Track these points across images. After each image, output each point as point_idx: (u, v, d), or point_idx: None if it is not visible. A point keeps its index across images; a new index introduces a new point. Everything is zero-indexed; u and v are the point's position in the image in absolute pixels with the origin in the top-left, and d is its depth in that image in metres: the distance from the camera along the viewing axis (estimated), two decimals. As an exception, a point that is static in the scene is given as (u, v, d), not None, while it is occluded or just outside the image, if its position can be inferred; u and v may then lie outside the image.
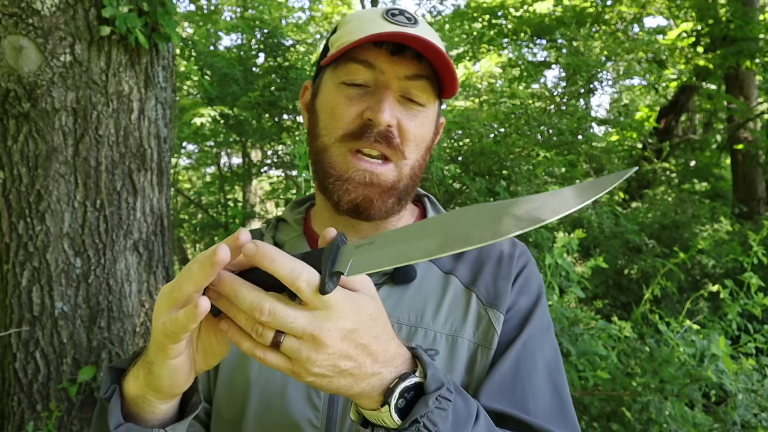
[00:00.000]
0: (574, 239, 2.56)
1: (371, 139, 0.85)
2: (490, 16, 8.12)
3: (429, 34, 0.87)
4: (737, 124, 7.55)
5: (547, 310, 0.94)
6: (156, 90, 2.64)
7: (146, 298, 2.66)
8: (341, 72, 0.88)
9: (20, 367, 2.44)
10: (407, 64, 0.86)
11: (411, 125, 0.87)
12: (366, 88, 0.87)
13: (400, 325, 0.88)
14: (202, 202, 7.68)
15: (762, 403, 2.33)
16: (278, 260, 0.58)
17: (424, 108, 0.89)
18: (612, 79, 5.49)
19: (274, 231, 1.04)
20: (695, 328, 2.73)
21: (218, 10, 7.90)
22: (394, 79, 0.86)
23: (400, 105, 0.87)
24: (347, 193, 0.87)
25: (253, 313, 0.58)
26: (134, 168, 2.57)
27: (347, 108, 0.87)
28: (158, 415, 0.70)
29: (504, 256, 0.95)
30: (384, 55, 0.85)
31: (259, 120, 5.71)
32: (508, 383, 0.84)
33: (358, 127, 0.86)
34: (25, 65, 2.32)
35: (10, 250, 2.43)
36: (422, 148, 0.91)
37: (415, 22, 0.87)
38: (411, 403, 0.66)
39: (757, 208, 7.25)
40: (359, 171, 0.86)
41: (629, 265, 5.20)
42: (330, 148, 0.89)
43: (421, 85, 0.87)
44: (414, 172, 0.91)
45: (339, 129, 0.87)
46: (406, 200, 0.93)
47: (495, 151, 3.76)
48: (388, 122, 0.84)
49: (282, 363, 0.61)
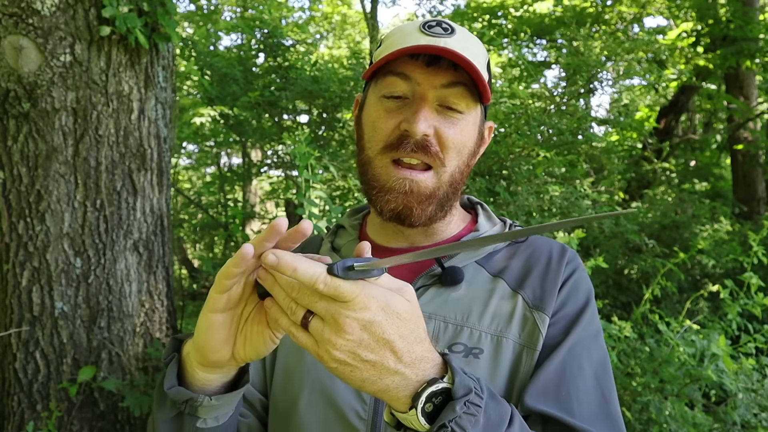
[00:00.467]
0: (574, 239, 2.56)
1: (408, 149, 0.89)
2: (490, 16, 8.11)
3: (465, 42, 0.90)
4: (737, 124, 7.55)
5: (596, 317, 0.95)
6: (156, 90, 2.64)
7: (146, 298, 2.66)
8: (381, 85, 0.93)
9: (20, 367, 2.44)
10: (443, 73, 0.88)
11: (450, 133, 0.90)
12: (405, 99, 0.91)
13: (446, 324, 0.91)
14: (202, 202, 7.68)
15: (762, 403, 2.33)
16: (300, 269, 0.63)
17: (463, 114, 0.91)
18: (612, 79, 5.49)
19: (333, 236, 1.10)
20: (695, 328, 2.73)
21: (218, 10, 7.90)
22: (430, 89, 0.89)
23: (438, 114, 0.90)
24: (388, 203, 0.91)
25: (288, 290, 0.65)
26: (134, 168, 2.57)
27: (386, 120, 0.91)
28: (200, 382, 0.77)
29: (553, 261, 0.97)
30: (420, 67, 0.89)
31: (259, 120, 5.71)
32: (553, 385, 0.85)
33: (396, 138, 0.90)
34: (25, 65, 2.32)
35: (10, 250, 2.43)
36: (464, 155, 0.93)
37: (452, 31, 0.90)
38: (439, 408, 0.68)
39: (757, 208, 7.25)
40: (399, 180, 0.90)
41: (629, 265, 5.20)
42: (373, 160, 0.93)
43: (458, 92, 0.89)
44: (454, 179, 0.93)
45: (380, 141, 0.92)
46: (448, 206, 0.96)
47: (495, 151, 3.76)
48: (424, 132, 0.87)
49: (309, 342, 0.66)
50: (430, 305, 0.92)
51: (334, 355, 0.64)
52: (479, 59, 0.91)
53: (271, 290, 0.67)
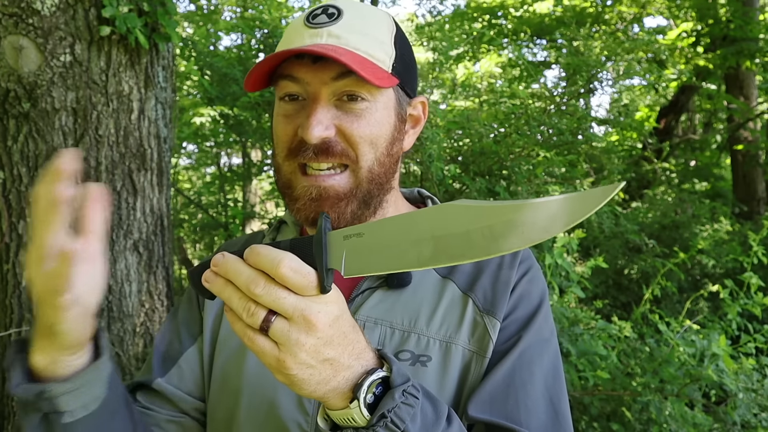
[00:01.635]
0: (574, 239, 2.56)
1: (309, 155, 0.83)
2: (490, 16, 8.11)
3: (353, 23, 0.83)
4: (737, 124, 7.54)
5: (549, 319, 0.91)
6: (156, 90, 2.64)
7: (146, 298, 2.66)
8: (278, 89, 0.88)
9: (20, 367, 2.45)
10: (330, 66, 0.81)
11: (355, 127, 0.83)
12: (302, 100, 0.85)
13: (393, 330, 0.86)
14: (202, 202, 7.68)
15: (762, 403, 2.33)
16: (260, 254, 0.59)
17: (369, 102, 0.83)
18: (612, 79, 5.49)
19: (275, 233, 1.05)
20: (695, 328, 2.73)
21: (218, 10, 7.90)
22: (321, 87, 0.82)
23: (339, 109, 0.83)
24: (299, 211, 0.86)
25: (249, 287, 0.58)
26: (134, 168, 2.58)
27: (285, 126, 0.86)
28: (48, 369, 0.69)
29: (505, 261, 0.92)
30: (306, 65, 0.82)
31: (259, 120, 5.71)
32: (501, 393, 0.81)
33: (296, 145, 0.84)
34: (25, 65, 2.32)
35: (10, 250, 2.43)
36: (379, 146, 0.86)
37: (338, 16, 0.83)
38: (378, 398, 0.65)
39: (757, 208, 7.25)
40: (304, 187, 0.85)
41: (629, 265, 5.20)
42: (282, 166, 0.88)
43: (352, 81, 0.81)
44: (374, 174, 0.86)
45: (283, 148, 0.87)
46: (376, 202, 0.89)
47: (495, 151, 3.76)
48: (319, 136, 0.81)
49: (269, 347, 0.60)
50: (376, 310, 0.88)
51: (300, 358, 0.60)
52: (374, 38, 0.84)
53: (221, 293, 0.61)
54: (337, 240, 0.62)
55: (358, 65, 0.79)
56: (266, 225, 6.54)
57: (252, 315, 0.59)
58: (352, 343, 0.64)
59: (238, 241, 1.10)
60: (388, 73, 0.84)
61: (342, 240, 0.62)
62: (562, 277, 2.67)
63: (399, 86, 0.88)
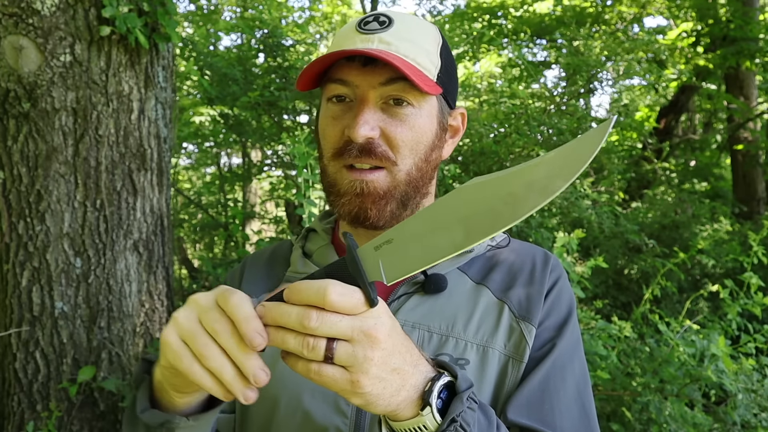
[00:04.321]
0: (573, 239, 2.56)
1: (353, 154, 0.86)
2: (490, 16, 8.11)
3: (402, 32, 0.87)
4: (737, 124, 7.54)
5: (577, 326, 0.94)
6: (156, 90, 2.64)
7: (146, 298, 2.66)
8: (326, 91, 0.91)
9: (20, 367, 2.44)
10: (379, 71, 0.85)
11: (398, 131, 0.86)
12: (349, 102, 0.88)
13: (431, 334, 0.88)
14: (202, 202, 7.68)
15: (762, 403, 2.33)
16: (302, 290, 0.60)
17: (414, 108, 0.87)
18: (612, 79, 5.49)
19: (304, 241, 1.06)
20: (695, 328, 2.73)
21: (218, 10, 7.90)
22: (369, 90, 0.85)
23: (385, 112, 0.87)
24: (343, 206, 0.89)
25: (303, 323, 0.59)
26: (134, 168, 2.57)
27: (332, 127, 0.89)
28: (174, 403, 0.72)
29: (537, 270, 0.95)
30: (356, 69, 0.86)
31: (259, 120, 5.71)
32: (537, 399, 0.84)
33: (342, 145, 0.87)
34: (25, 65, 2.32)
35: (10, 250, 2.43)
36: (419, 151, 0.89)
37: (389, 24, 0.87)
38: (445, 404, 0.67)
39: (757, 208, 7.25)
40: (350, 182, 0.87)
41: (629, 265, 5.20)
42: (328, 166, 0.91)
43: (400, 87, 0.85)
44: (411, 177, 0.89)
45: (330, 148, 0.90)
46: (413, 205, 0.92)
47: (495, 151, 3.76)
48: (365, 136, 0.84)
49: (339, 374, 0.61)
50: (413, 314, 0.89)
51: (372, 373, 0.60)
52: (421, 47, 0.87)
53: (275, 340, 0.62)
54: (369, 253, 0.63)
55: (408, 70, 0.82)
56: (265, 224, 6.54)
57: (313, 349, 0.59)
58: (409, 350, 0.65)
59: (263, 253, 1.10)
60: (433, 82, 0.88)
61: (374, 251, 0.63)
62: (562, 277, 2.66)
63: (442, 96, 0.92)
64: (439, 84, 0.89)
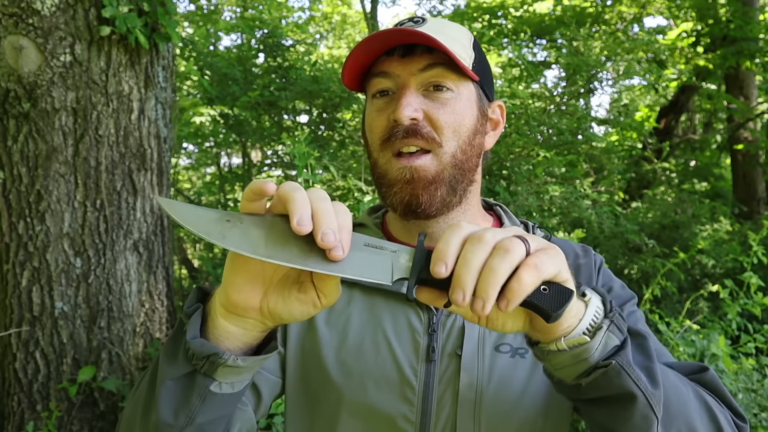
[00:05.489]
0: (573, 239, 2.56)
1: (400, 136, 0.89)
2: (490, 16, 8.11)
3: (436, 26, 0.91)
4: (737, 124, 7.54)
5: (638, 314, 0.96)
6: (156, 90, 2.64)
7: (146, 298, 2.66)
8: (369, 89, 0.95)
9: (20, 367, 2.44)
10: (417, 59, 0.89)
11: (440, 113, 0.89)
12: (392, 95, 0.92)
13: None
14: (202, 202, 7.68)
15: (762, 403, 2.33)
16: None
17: (453, 92, 0.90)
18: (612, 79, 5.49)
19: None
20: (695, 328, 2.73)
21: (218, 10, 7.90)
22: (410, 77, 0.89)
23: (426, 97, 0.90)
24: (395, 195, 0.91)
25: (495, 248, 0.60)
26: (134, 168, 2.57)
27: (379, 119, 0.92)
28: (221, 336, 0.70)
29: (579, 255, 0.99)
30: (396, 61, 0.90)
31: (259, 120, 5.71)
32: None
33: (389, 131, 0.90)
34: (25, 65, 2.32)
35: (10, 250, 2.43)
36: (462, 134, 0.91)
37: (423, 22, 0.92)
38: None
39: (757, 208, 7.25)
40: (399, 169, 0.90)
41: (629, 265, 5.19)
42: (378, 160, 0.94)
43: (438, 72, 0.89)
44: (457, 160, 0.91)
45: (377, 139, 0.92)
46: (461, 190, 0.93)
47: (495, 151, 3.76)
48: (409, 116, 0.87)
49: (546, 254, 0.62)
50: None
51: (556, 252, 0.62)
52: (454, 39, 0.91)
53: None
54: None
55: (446, 51, 0.86)
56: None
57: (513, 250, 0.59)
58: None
59: None
60: (469, 68, 0.91)
61: None
62: (562, 277, 2.66)
63: (480, 85, 0.95)
64: (475, 73, 0.93)
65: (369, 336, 0.93)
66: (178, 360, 0.70)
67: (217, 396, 0.71)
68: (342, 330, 0.95)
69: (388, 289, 0.93)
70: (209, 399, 0.71)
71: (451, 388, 0.88)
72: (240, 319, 0.69)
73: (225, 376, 0.70)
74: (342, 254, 0.61)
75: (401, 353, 0.90)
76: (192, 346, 0.68)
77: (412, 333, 0.91)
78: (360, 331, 0.94)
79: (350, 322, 0.95)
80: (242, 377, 0.73)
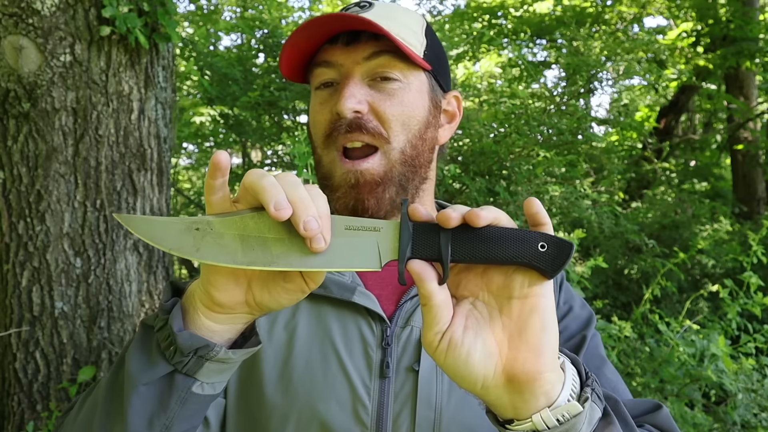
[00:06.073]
0: (574, 239, 2.56)
1: (342, 130, 0.82)
2: (490, 16, 8.11)
3: (384, 11, 0.84)
4: (737, 124, 7.54)
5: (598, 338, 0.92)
6: (156, 90, 2.64)
7: (146, 298, 2.66)
8: (313, 78, 0.88)
9: (20, 367, 2.44)
10: (362, 46, 0.82)
11: (387, 105, 0.82)
12: (336, 85, 0.85)
13: None
14: (202, 202, 7.68)
15: (762, 403, 2.33)
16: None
17: (400, 82, 0.84)
18: (612, 79, 5.49)
19: None
20: (695, 328, 2.73)
21: (218, 10, 7.90)
22: (354, 66, 0.83)
23: (372, 88, 0.83)
24: (338, 200, 0.84)
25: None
26: (134, 168, 2.58)
27: (321, 112, 0.86)
28: (205, 334, 0.64)
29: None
30: (339, 49, 0.83)
31: (259, 120, 5.71)
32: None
33: (331, 126, 0.84)
34: (25, 65, 2.32)
35: (10, 250, 2.43)
36: (411, 127, 0.85)
37: (369, 6, 0.85)
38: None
39: (757, 208, 7.25)
40: (343, 174, 0.83)
41: (629, 265, 5.20)
42: (322, 158, 0.87)
43: (384, 61, 0.82)
44: (406, 156, 0.84)
45: (320, 134, 0.86)
46: (412, 188, 0.87)
47: (495, 151, 3.76)
48: (352, 109, 0.81)
49: None
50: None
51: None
52: (404, 24, 0.84)
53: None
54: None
55: (392, 38, 0.79)
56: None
57: None
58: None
59: None
60: (420, 56, 0.84)
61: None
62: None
63: (432, 75, 0.88)
64: (427, 62, 0.86)
65: (317, 350, 0.84)
66: (153, 361, 0.64)
67: (198, 398, 0.66)
68: (287, 343, 0.85)
69: (333, 296, 0.85)
70: (190, 402, 0.65)
71: (408, 406, 0.80)
72: (226, 315, 0.64)
73: (209, 375, 0.65)
74: (324, 245, 0.56)
75: (353, 369, 0.82)
76: (179, 339, 0.62)
77: (365, 346, 0.83)
78: (307, 345, 0.84)
79: (296, 334, 0.85)
80: (224, 376, 0.67)
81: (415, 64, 0.84)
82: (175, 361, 0.63)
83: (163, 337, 0.64)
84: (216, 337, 0.64)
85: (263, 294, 0.62)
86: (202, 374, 0.64)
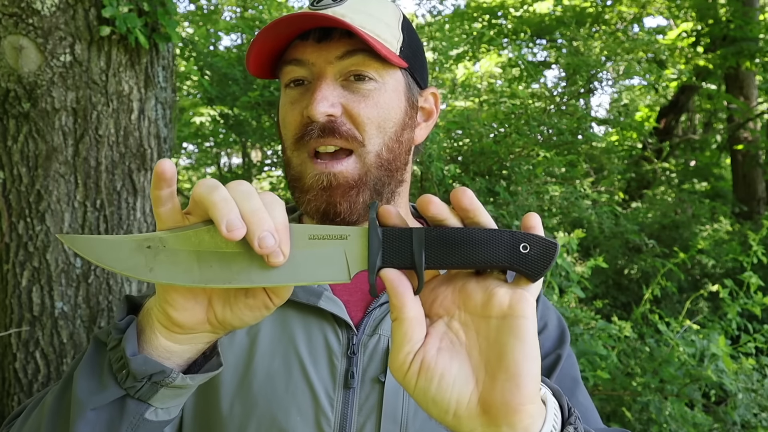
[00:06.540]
0: (574, 239, 2.56)
1: (314, 135, 0.78)
2: (490, 16, 8.11)
3: (358, 5, 0.79)
4: (737, 124, 7.55)
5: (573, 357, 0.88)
6: (156, 90, 2.64)
7: (146, 298, 2.66)
8: (283, 76, 0.83)
9: (20, 367, 2.45)
10: (335, 44, 0.78)
11: (361, 107, 0.78)
12: (307, 84, 0.81)
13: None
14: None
15: (762, 403, 2.33)
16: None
17: (376, 83, 0.79)
18: (612, 79, 5.49)
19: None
20: (695, 328, 2.73)
21: (218, 10, 7.90)
22: (326, 66, 0.78)
23: (345, 89, 0.79)
24: (309, 203, 0.80)
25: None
26: (134, 168, 2.58)
27: (291, 112, 0.81)
28: (162, 354, 0.60)
29: None
30: (311, 46, 0.79)
31: (259, 120, 5.71)
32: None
33: (303, 128, 0.79)
34: (25, 65, 2.32)
35: (10, 250, 2.43)
36: (387, 130, 0.81)
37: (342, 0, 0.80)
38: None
39: (757, 208, 7.25)
40: (315, 176, 0.79)
41: (629, 265, 5.20)
42: (291, 158, 0.82)
43: (358, 60, 0.78)
44: (382, 159, 0.80)
45: (291, 136, 0.81)
46: (387, 193, 0.83)
47: (495, 151, 3.76)
48: (325, 113, 0.76)
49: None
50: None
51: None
52: (379, 19, 0.80)
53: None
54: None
55: (366, 38, 0.75)
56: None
57: None
58: None
59: None
60: (395, 54, 0.80)
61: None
62: (562, 277, 2.67)
63: (408, 72, 0.84)
64: (403, 58, 0.82)
65: (280, 356, 0.80)
66: (103, 384, 0.59)
67: (152, 424, 0.61)
68: (248, 349, 0.81)
69: (298, 300, 0.81)
70: (142, 428, 0.60)
71: (373, 419, 0.77)
72: (186, 336, 0.59)
73: (164, 400, 0.60)
74: (282, 259, 0.52)
75: (316, 378, 0.78)
76: (132, 364, 0.57)
77: (329, 354, 0.79)
78: (270, 351, 0.80)
79: (258, 340, 0.81)
80: (180, 400, 0.63)
81: (387, 64, 0.80)
82: (127, 385, 0.59)
83: (115, 359, 0.59)
84: (174, 357, 0.60)
85: (225, 311, 0.58)
86: (157, 400, 0.60)
